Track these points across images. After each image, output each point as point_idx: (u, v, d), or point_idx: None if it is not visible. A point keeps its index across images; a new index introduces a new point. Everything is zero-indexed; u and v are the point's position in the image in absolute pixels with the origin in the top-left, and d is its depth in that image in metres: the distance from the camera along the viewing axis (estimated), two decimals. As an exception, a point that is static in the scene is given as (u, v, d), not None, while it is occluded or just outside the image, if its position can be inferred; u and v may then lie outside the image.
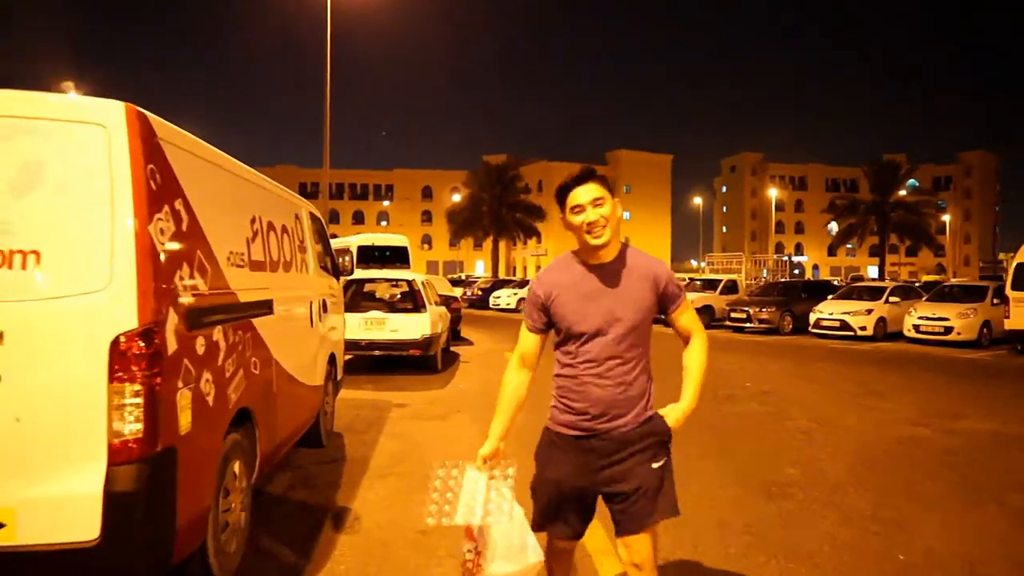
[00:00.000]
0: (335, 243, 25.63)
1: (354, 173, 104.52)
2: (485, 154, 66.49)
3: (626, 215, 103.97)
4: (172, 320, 2.85)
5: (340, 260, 7.20)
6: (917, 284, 28.51)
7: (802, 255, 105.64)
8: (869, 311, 19.51)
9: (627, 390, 2.53)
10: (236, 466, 3.75)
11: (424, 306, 11.00)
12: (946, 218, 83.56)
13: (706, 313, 23.66)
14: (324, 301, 6.23)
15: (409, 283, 11.46)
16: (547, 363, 2.70)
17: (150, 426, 2.67)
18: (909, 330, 18.41)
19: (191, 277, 3.10)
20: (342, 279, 7.56)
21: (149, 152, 2.81)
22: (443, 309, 13.22)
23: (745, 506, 5.02)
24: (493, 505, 2.51)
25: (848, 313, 19.57)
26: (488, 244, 60.83)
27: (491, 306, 33.95)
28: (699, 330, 2.74)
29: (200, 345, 3.15)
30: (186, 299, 3.01)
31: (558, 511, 2.62)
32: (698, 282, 26.56)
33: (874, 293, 20.85)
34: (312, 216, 6.31)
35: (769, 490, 5.39)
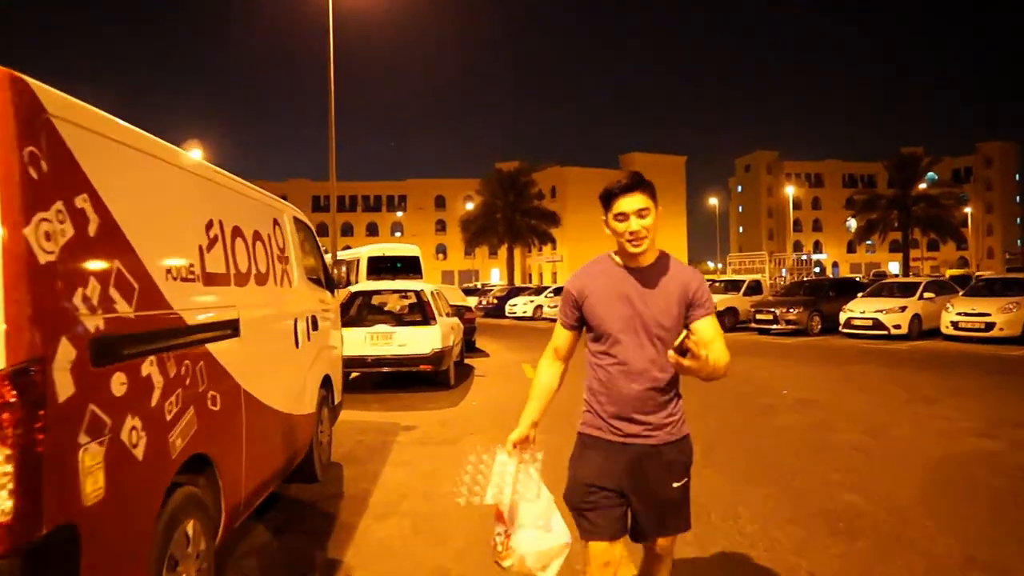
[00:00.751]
0: (345, 254, 25.12)
1: (366, 185, 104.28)
2: (498, 161, 65.74)
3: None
4: (67, 354, 2.14)
5: (336, 271, 6.48)
6: (945, 279, 27.39)
7: (821, 253, 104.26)
8: (903, 308, 18.58)
9: (657, 395, 2.54)
10: (189, 527, 3.03)
11: (434, 318, 10.28)
12: (968, 210, 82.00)
13: (730, 315, 22.83)
14: (313, 317, 5.52)
15: (417, 294, 10.74)
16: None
17: (29, 501, 1.95)
18: (947, 327, 17.47)
19: (104, 296, 2.38)
20: (339, 292, 6.86)
21: (29, 130, 2.11)
22: (455, 320, 12.51)
23: (809, 547, 4.23)
24: (521, 486, 2.57)
25: (881, 311, 18.65)
26: (503, 252, 60.11)
27: (507, 314, 33.22)
28: (719, 337, 2.57)
29: (119, 384, 2.43)
30: (93, 325, 2.29)
31: (591, 509, 2.57)
32: (720, 283, 25.68)
33: (906, 289, 19.92)
34: (298, 222, 5.61)
35: (834, 525, 4.60)
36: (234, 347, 3.60)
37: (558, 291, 33.82)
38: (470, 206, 65.35)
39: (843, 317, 19.44)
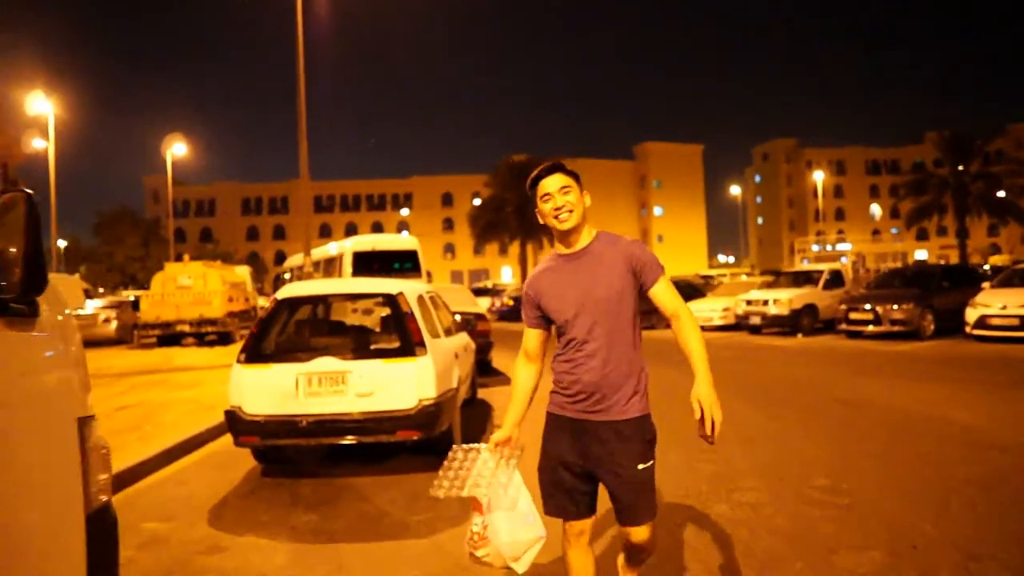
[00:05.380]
0: (321, 250, 20.62)
1: (370, 183, 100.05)
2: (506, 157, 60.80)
3: (658, 210, 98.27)
4: None
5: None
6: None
7: (844, 243, 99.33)
8: (1062, 303, 13.91)
9: (612, 371, 2.61)
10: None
11: (421, 342, 5.68)
12: (1001, 193, 77.15)
13: (808, 314, 18.17)
14: None
15: (392, 300, 6.06)
16: None
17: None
18: None
19: None
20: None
21: None
22: (463, 339, 7.95)
23: None
24: (497, 481, 2.65)
25: (1032, 307, 13.97)
26: (514, 249, 55.58)
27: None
28: (681, 305, 2.67)
29: None
30: None
31: (560, 488, 2.71)
32: (787, 276, 21.01)
33: (1052, 277, 15.25)
34: None
35: None
36: None
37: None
38: (478, 202, 60.93)
39: (972, 314, 14.75)
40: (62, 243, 59.51)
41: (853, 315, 16.51)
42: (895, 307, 15.79)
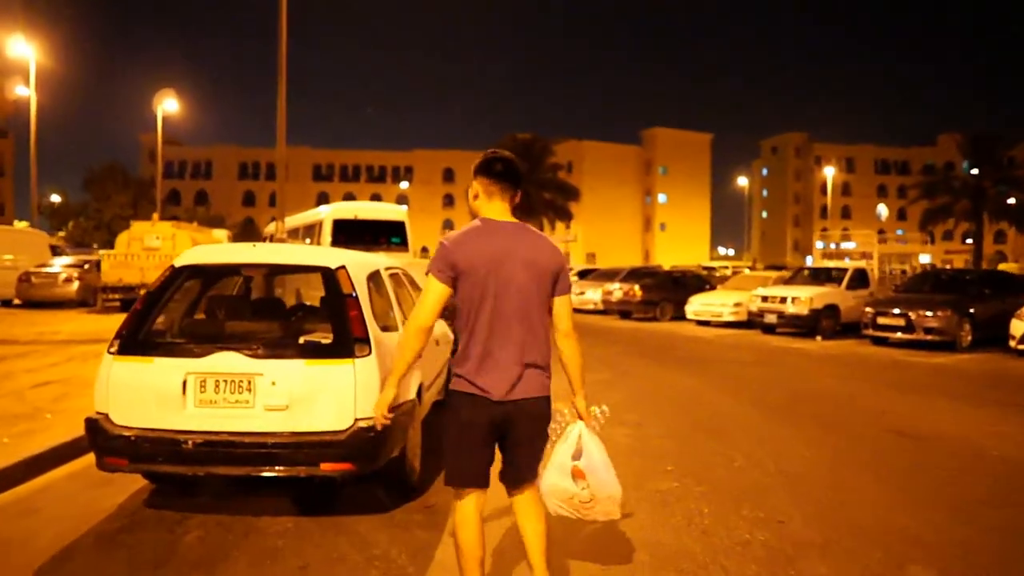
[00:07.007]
0: (299, 217, 18.94)
1: (370, 154, 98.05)
2: (511, 134, 58.76)
3: (662, 198, 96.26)
4: None
5: None
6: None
7: (849, 241, 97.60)
8: (1124, 319, 12.33)
9: None
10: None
11: (364, 338, 4.05)
12: (1011, 200, 75.47)
13: (829, 315, 16.56)
14: None
15: (329, 277, 4.32)
16: None
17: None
18: None
19: None
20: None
21: None
22: (437, 328, 6.33)
23: None
24: (592, 445, 3.00)
25: (1091, 322, 12.40)
26: (514, 228, 53.78)
27: (520, 302, 26.99)
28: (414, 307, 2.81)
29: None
30: None
31: None
32: (806, 273, 19.38)
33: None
34: None
35: None
36: None
37: (581, 274, 27.62)
38: (480, 178, 59.08)
39: (1019, 327, 13.15)
40: (56, 198, 57.81)
41: (881, 319, 14.90)
42: (930, 313, 14.18)
